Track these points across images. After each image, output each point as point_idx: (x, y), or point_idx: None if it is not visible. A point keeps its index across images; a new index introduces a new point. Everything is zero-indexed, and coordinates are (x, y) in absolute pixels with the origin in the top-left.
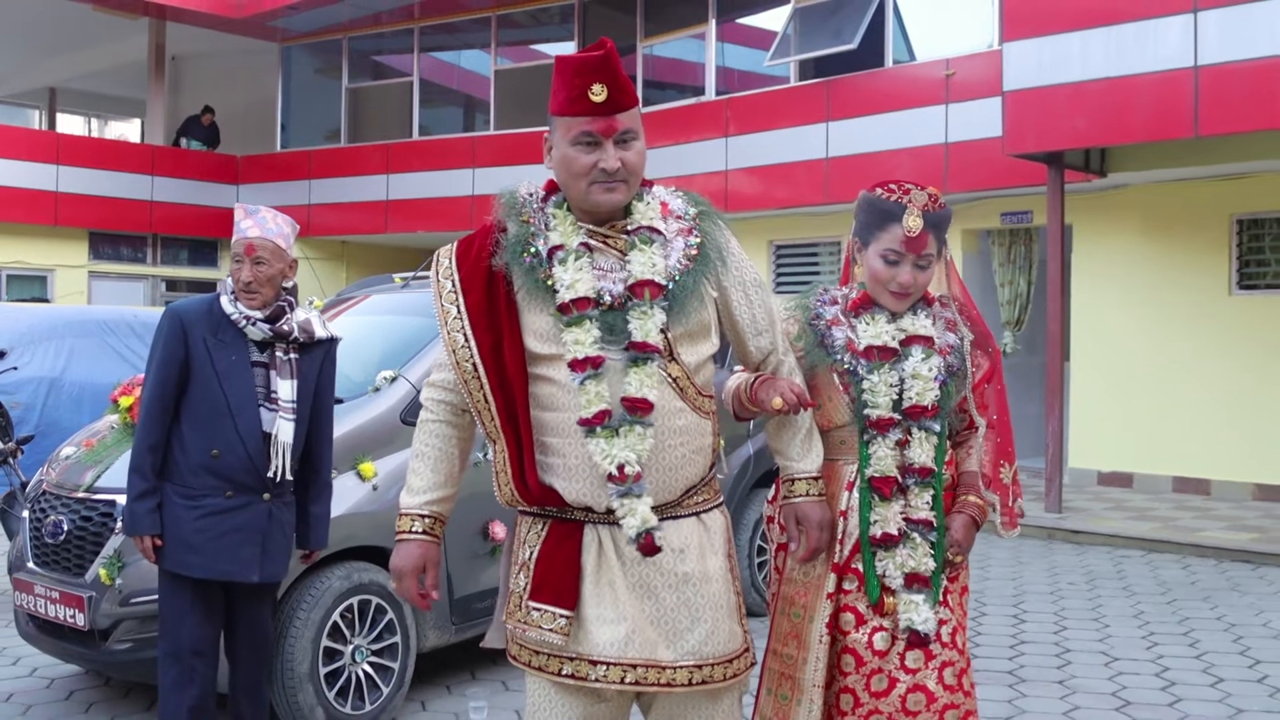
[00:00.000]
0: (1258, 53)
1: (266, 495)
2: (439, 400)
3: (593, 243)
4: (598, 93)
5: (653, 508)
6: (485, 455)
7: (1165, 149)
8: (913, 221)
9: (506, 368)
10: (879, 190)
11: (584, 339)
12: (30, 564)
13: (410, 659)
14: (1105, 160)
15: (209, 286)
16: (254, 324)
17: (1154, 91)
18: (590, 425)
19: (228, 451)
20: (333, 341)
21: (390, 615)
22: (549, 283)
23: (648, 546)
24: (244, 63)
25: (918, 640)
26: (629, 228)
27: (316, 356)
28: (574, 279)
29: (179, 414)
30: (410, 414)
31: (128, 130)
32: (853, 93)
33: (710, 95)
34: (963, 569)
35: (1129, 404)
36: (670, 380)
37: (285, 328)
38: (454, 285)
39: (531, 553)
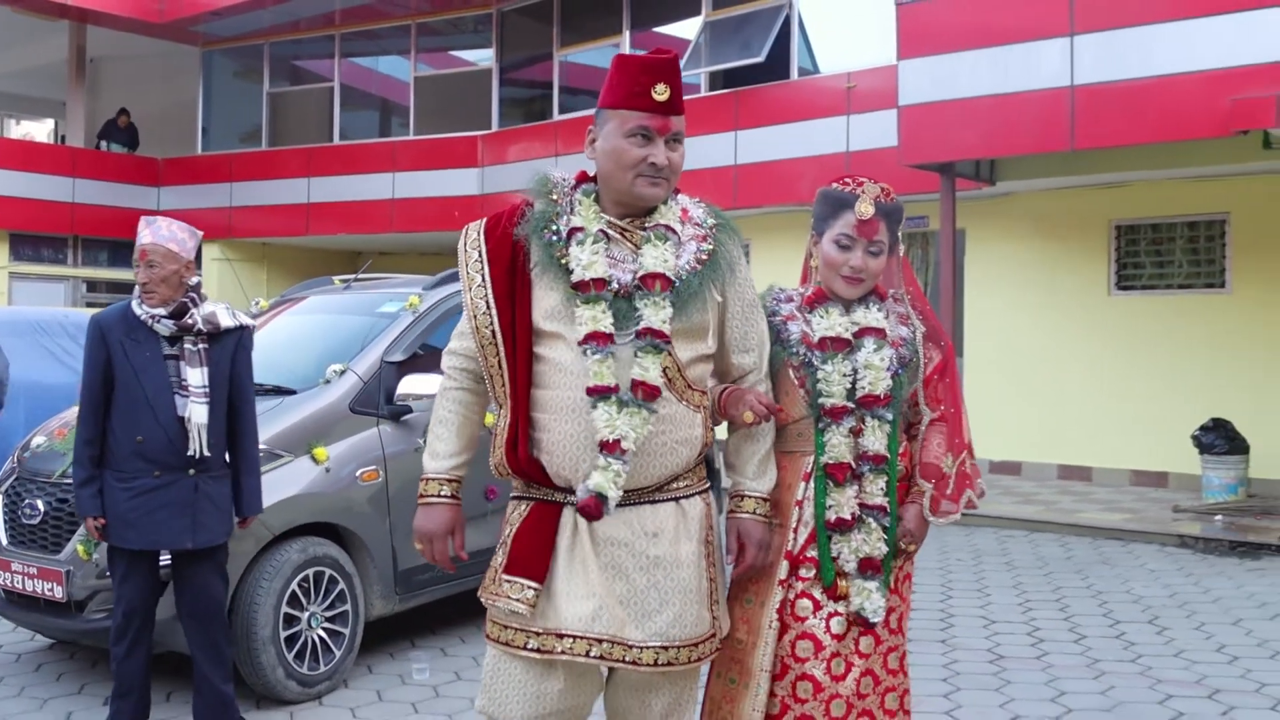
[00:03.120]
0: (1127, 74)
1: (191, 471)
2: (460, 368)
3: (610, 233)
4: (661, 92)
5: (632, 490)
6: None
7: (1049, 160)
8: (864, 207)
9: (518, 338)
10: (834, 184)
11: (600, 317)
12: (5, 544)
13: (359, 626)
14: (994, 170)
15: (129, 287)
16: (159, 321)
17: (1035, 108)
18: (600, 393)
19: (150, 437)
20: (243, 330)
21: (342, 586)
22: (563, 261)
23: (588, 508)
24: (164, 65)
25: (863, 625)
26: (647, 224)
27: (228, 344)
28: (590, 260)
29: (109, 409)
30: (358, 403)
31: (35, 129)
32: (760, 103)
33: None
34: (910, 557)
35: (1017, 397)
36: (660, 370)
37: (189, 322)
38: (480, 255)
39: (511, 530)
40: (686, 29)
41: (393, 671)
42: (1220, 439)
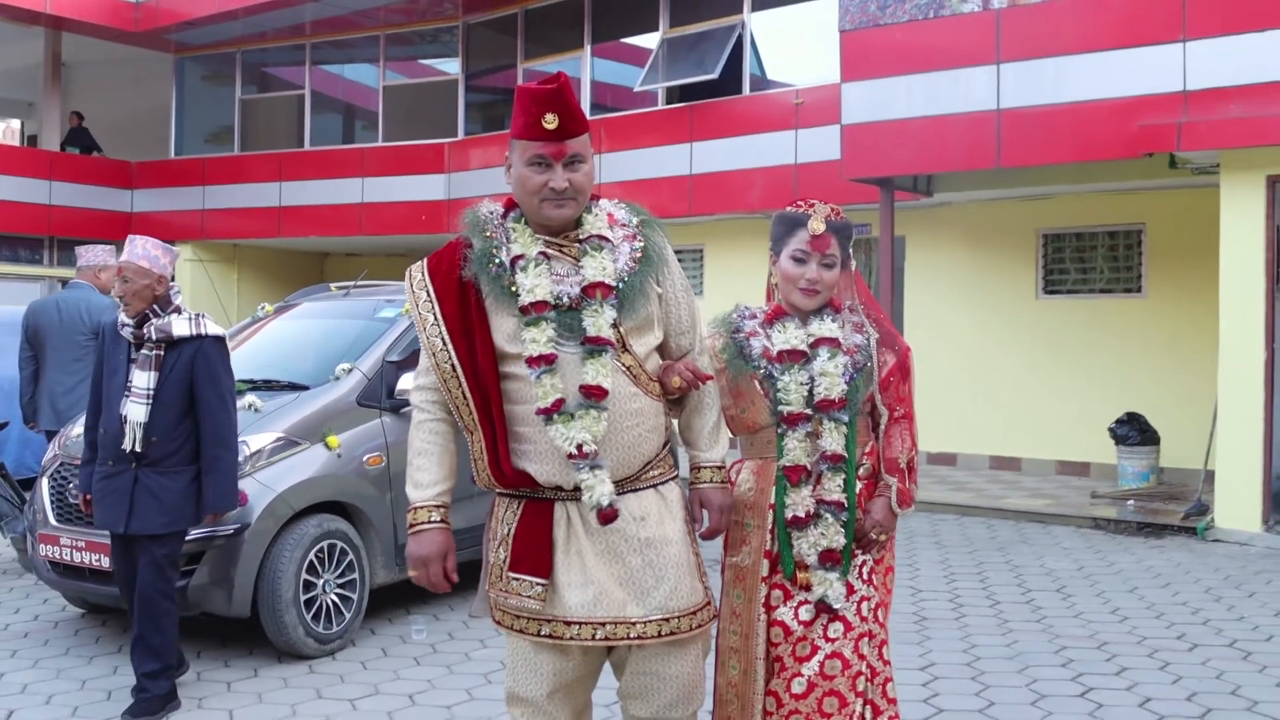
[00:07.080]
0: (1047, 100)
1: (134, 465)
2: (432, 400)
3: (549, 251)
4: (550, 121)
5: (615, 481)
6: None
7: (981, 174)
8: (816, 224)
9: (480, 366)
10: (788, 207)
11: (539, 338)
12: (53, 521)
13: (366, 591)
14: (931, 182)
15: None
16: (124, 329)
17: (964, 129)
18: (548, 413)
19: (107, 431)
20: (200, 339)
21: (351, 557)
22: (513, 289)
23: (606, 516)
24: (136, 71)
25: (828, 610)
26: (580, 237)
27: (185, 352)
28: (534, 284)
29: None
30: (364, 397)
31: None
32: (714, 117)
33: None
34: (887, 550)
35: (953, 393)
36: (624, 369)
37: (142, 331)
38: (429, 295)
39: (509, 529)
40: (648, 41)
41: (393, 633)
42: (1134, 431)
